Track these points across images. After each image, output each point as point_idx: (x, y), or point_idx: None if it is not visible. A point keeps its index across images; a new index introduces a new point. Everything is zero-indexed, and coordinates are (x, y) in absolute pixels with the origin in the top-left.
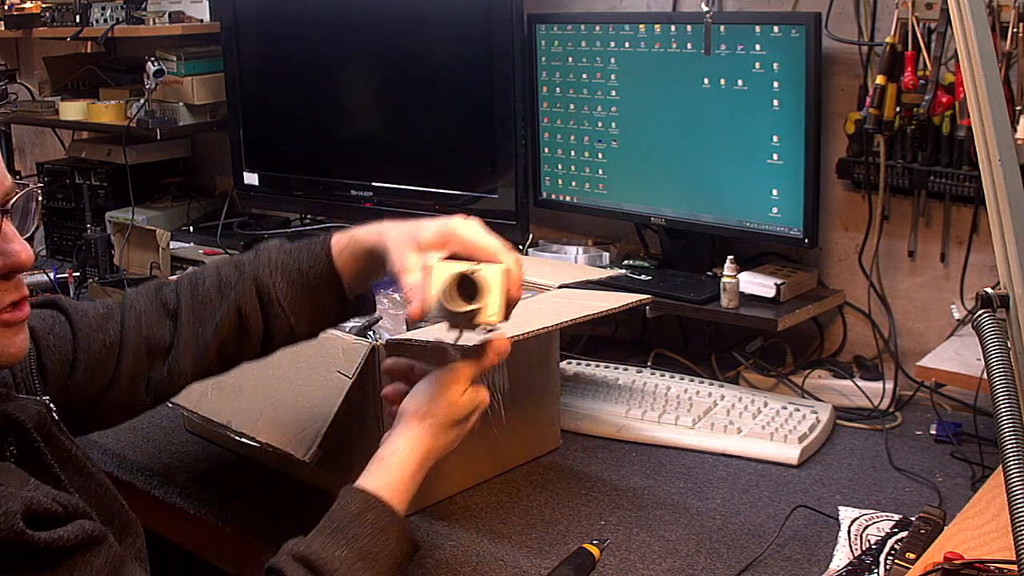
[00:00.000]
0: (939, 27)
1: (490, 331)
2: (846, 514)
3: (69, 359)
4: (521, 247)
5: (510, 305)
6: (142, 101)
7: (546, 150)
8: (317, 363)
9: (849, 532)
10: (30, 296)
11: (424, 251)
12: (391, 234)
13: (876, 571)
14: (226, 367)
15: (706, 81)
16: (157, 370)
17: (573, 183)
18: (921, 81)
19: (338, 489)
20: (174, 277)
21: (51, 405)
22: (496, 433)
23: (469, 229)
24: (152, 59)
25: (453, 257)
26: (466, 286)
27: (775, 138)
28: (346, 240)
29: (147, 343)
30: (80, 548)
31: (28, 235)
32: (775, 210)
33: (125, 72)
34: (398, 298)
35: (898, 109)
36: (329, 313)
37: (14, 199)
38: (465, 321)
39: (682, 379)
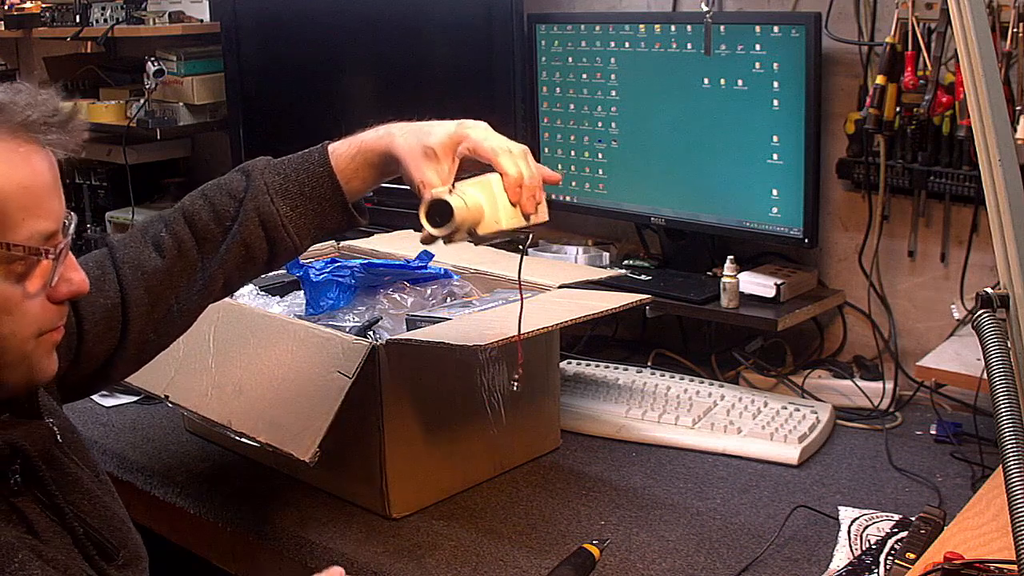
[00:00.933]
0: (939, 27)
1: (519, 231)
2: (846, 514)
3: (74, 331)
4: (521, 247)
5: (522, 206)
6: (142, 101)
7: (546, 150)
8: (317, 363)
9: (849, 532)
10: None
11: (440, 160)
12: (400, 140)
13: (876, 571)
14: (230, 293)
15: (706, 81)
16: (165, 317)
17: (573, 183)
18: (921, 81)
19: (338, 489)
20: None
21: (55, 429)
22: (496, 433)
23: (477, 131)
24: (152, 59)
25: (465, 159)
26: (437, 211)
27: (775, 138)
28: (355, 149)
29: (150, 294)
30: None
31: None
32: (775, 210)
33: (125, 72)
34: (398, 298)
35: (898, 109)
36: (334, 228)
37: (72, 226)
38: (463, 238)
39: (682, 379)
